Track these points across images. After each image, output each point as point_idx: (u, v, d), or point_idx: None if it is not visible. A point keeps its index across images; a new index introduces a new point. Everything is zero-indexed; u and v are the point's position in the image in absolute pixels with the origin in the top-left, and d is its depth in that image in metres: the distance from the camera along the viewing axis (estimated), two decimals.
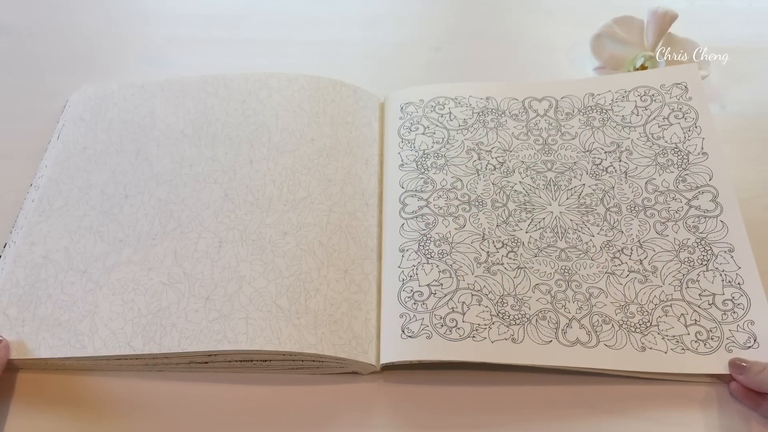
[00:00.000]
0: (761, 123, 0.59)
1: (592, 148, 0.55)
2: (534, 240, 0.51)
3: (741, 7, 0.73)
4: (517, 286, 0.48)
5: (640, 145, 0.55)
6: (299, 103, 0.58)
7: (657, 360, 0.45)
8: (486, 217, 0.51)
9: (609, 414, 0.44)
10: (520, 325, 0.46)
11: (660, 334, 0.46)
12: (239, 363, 0.46)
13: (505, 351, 0.45)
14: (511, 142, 0.56)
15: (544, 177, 0.54)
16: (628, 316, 0.47)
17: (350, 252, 0.50)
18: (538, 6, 0.74)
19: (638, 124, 0.56)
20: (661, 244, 0.50)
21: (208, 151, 0.55)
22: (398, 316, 0.47)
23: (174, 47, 0.69)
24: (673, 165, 0.54)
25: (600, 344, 0.46)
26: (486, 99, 0.58)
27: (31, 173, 0.56)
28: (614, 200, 0.52)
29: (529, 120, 0.57)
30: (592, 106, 0.58)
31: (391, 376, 0.46)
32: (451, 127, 0.57)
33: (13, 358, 0.45)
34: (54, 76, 0.66)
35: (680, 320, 0.47)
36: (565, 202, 0.53)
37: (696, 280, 0.49)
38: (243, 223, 0.50)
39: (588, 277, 0.49)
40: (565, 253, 0.50)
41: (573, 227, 0.51)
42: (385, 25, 0.72)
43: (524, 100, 0.59)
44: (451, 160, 0.55)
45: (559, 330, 0.46)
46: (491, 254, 0.50)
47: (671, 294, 0.48)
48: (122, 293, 0.47)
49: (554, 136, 0.56)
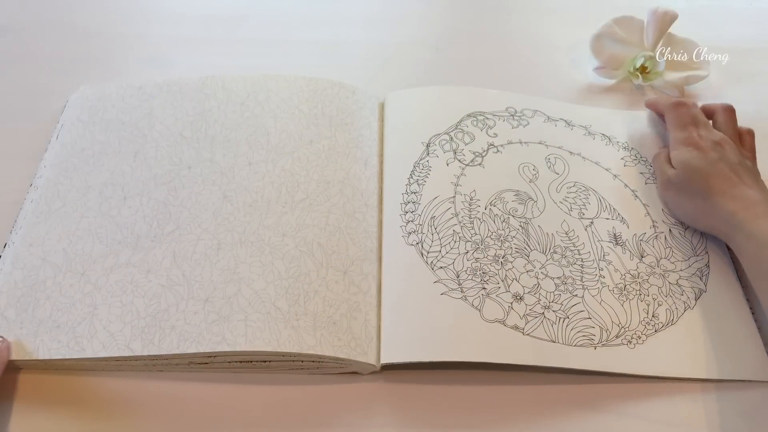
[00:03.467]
0: (761, 123, 0.59)
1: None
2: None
3: (741, 7, 0.73)
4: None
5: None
6: (298, 104, 0.58)
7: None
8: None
9: (609, 414, 0.44)
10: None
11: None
12: (239, 363, 0.46)
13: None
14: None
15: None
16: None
17: (349, 253, 0.50)
18: (538, 6, 0.74)
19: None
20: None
21: (206, 153, 0.55)
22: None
23: (174, 47, 0.69)
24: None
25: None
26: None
27: (31, 173, 0.56)
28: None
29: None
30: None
31: (391, 376, 0.46)
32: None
33: (13, 359, 0.45)
34: (54, 76, 0.66)
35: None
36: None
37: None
38: (242, 224, 0.50)
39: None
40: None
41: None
42: (385, 25, 0.72)
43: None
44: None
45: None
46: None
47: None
48: (121, 295, 0.47)
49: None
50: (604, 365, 0.45)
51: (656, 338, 0.47)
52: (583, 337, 0.46)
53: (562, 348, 0.46)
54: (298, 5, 0.74)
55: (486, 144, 0.57)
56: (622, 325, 0.47)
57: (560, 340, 0.46)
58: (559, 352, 0.45)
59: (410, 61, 0.68)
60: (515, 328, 0.46)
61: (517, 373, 0.46)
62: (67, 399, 0.45)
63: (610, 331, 0.47)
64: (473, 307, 0.47)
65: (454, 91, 0.61)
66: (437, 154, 0.56)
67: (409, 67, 0.67)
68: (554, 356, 0.45)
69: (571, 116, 0.60)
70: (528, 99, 0.61)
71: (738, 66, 0.66)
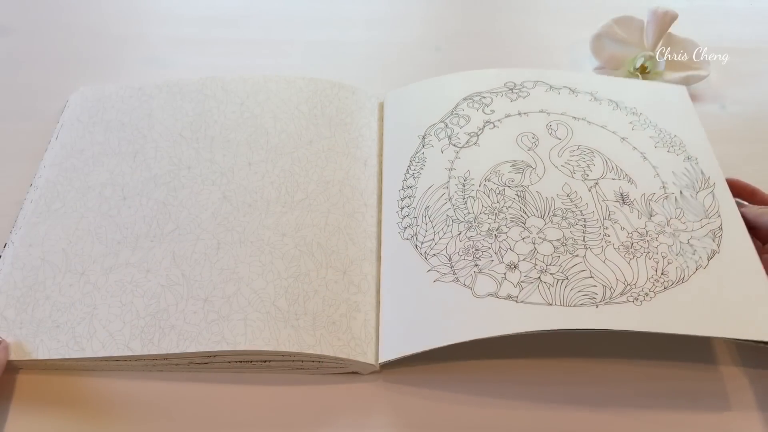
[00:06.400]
0: (761, 123, 0.59)
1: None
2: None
3: (741, 7, 0.73)
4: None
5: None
6: (297, 105, 0.58)
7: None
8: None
9: (610, 414, 0.44)
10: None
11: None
12: (239, 364, 0.46)
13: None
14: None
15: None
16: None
17: (349, 253, 0.50)
18: (538, 6, 0.74)
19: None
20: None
21: (206, 154, 0.55)
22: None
23: (174, 48, 0.69)
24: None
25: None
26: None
27: (31, 173, 0.56)
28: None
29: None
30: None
31: (391, 376, 0.46)
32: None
33: (12, 359, 0.45)
34: (54, 76, 0.66)
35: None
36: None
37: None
38: (241, 224, 0.50)
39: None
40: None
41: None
42: (385, 25, 0.72)
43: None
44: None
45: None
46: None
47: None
48: (120, 295, 0.47)
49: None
50: (607, 323, 0.43)
51: (665, 295, 0.44)
52: (584, 296, 0.44)
53: (559, 310, 0.43)
54: (298, 5, 0.74)
55: (482, 122, 0.55)
56: (628, 282, 0.45)
57: (558, 302, 0.44)
58: (556, 314, 0.43)
59: (410, 61, 0.68)
60: (508, 297, 0.44)
61: (516, 373, 0.46)
62: (66, 399, 0.45)
63: (614, 288, 0.45)
64: (464, 286, 0.46)
65: (450, 78, 0.60)
66: (432, 144, 0.55)
67: (409, 67, 0.67)
68: (551, 319, 0.43)
69: (575, 84, 0.59)
70: (528, 71, 0.60)
71: (738, 66, 0.66)
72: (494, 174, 0.52)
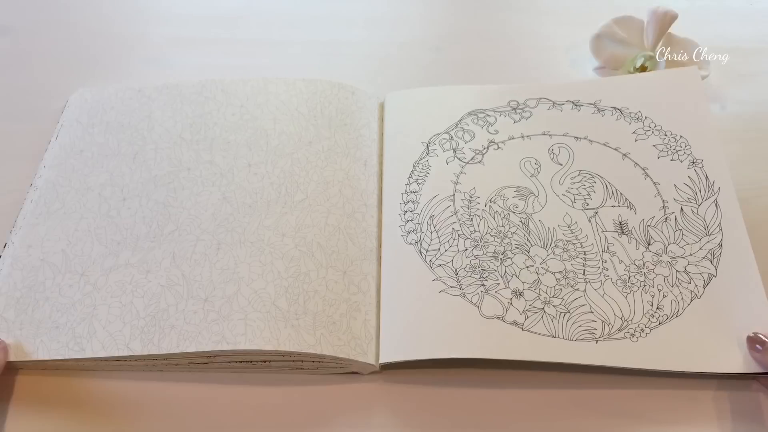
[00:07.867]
0: (761, 123, 0.59)
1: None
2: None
3: (741, 7, 0.73)
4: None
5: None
6: (297, 106, 0.58)
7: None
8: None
9: (610, 416, 0.44)
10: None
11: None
12: (239, 364, 0.46)
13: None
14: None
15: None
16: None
17: (349, 253, 0.50)
18: (538, 6, 0.74)
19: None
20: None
21: (206, 155, 0.55)
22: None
23: (174, 47, 0.69)
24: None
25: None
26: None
27: (31, 173, 0.56)
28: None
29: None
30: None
31: (391, 376, 0.46)
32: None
33: (12, 360, 0.45)
34: (54, 76, 0.66)
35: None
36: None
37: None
38: (241, 225, 0.50)
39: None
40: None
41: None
42: (385, 25, 0.72)
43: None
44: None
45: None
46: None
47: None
48: (120, 296, 0.47)
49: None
50: (606, 359, 0.44)
51: (660, 331, 0.46)
52: (585, 332, 0.46)
53: (562, 343, 0.45)
54: (298, 5, 0.74)
55: (486, 141, 0.56)
56: (625, 318, 0.46)
57: (561, 335, 0.45)
58: (559, 347, 0.45)
59: (410, 61, 0.68)
60: (514, 323, 0.46)
61: (516, 374, 0.46)
62: (66, 400, 0.45)
63: (612, 324, 0.46)
64: (472, 303, 0.47)
65: (454, 91, 0.60)
66: (437, 153, 0.56)
67: (409, 67, 0.67)
68: (554, 351, 0.45)
69: (579, 95, 0.59)
70: (532, 88, 0.60)
71: (738, 66, 0.66)
72: (499, 197, 0.53)
